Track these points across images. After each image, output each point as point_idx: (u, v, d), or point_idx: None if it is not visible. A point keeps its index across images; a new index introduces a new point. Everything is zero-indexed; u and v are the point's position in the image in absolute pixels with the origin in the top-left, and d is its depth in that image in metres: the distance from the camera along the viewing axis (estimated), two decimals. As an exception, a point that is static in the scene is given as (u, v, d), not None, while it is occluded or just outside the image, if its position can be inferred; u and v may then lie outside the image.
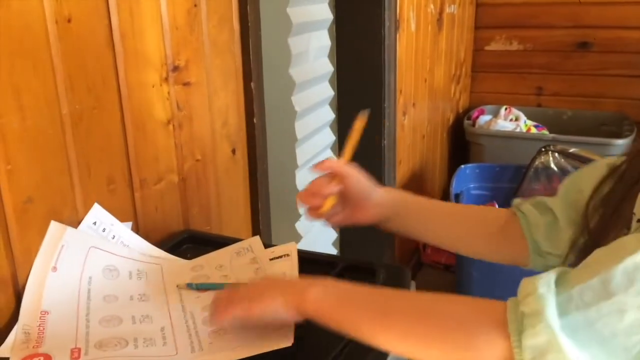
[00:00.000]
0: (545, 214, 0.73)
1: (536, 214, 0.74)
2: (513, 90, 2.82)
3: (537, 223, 0.74)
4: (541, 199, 0.75)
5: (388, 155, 1.77)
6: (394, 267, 0.81)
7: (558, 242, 0.72)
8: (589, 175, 0.68)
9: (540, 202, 0.75)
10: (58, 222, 0.71)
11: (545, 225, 0.73)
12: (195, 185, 0.98)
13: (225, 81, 1.03)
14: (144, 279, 0.77)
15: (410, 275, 0.77)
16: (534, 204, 0.75)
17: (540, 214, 0.74)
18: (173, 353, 0.63)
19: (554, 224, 0.72)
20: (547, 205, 0.74)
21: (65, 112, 0.72)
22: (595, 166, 0.69)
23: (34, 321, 0.65)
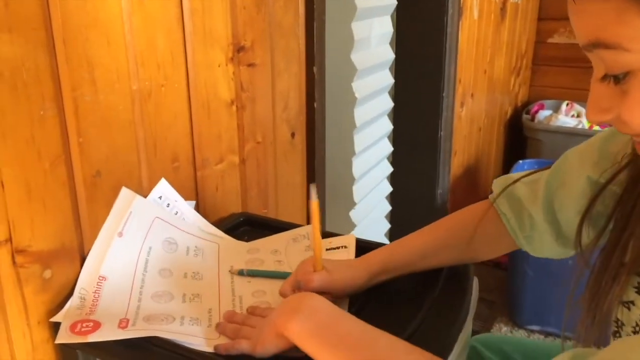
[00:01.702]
0: (522, 217, 0.70)
1: (513, 220, 0.71)
2: (576, 85, 2.70)
3: (515, 229, 0.71)
4: (518, 193, 0.70)
5: (444, 146, 1.73)
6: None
7: (543, 247, 0.71)
8: (569, 189, 0.66)
9: (517, 200, 0.71)
10: (128, 189, 0.72)
11: (524, 232, 0.71)
12: (254, 168, 0.98)
13: (288, 64, 1.02)
14: (200, 256, 0.77)
15: (472, 270, 0.74)
16: (511, 200, 0.71)
17: (517, 219, 0.71)
18: (215, 336, 0.63)
19: (534, 230, 0.70)
20: (524, 207, 0.70)
21: (135, 88, 0.72)
22: (575, 176, 0.66)
23: (91, 286, 0.67)
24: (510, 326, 1.85)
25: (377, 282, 0.72)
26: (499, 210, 0.72)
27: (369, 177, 1.42)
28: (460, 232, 0.74)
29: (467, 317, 0.67)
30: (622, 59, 0.43)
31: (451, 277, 0.73)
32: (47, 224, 0.64)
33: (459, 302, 0.68)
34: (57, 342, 0.60)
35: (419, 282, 0.73)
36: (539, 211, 0.68)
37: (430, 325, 0.64)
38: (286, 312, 0.58)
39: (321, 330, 0.55)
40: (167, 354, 0.59)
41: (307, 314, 0.57)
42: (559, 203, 0.67)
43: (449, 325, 0.64)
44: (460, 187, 2.02)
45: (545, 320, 1.78)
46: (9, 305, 0.61)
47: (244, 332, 0.63)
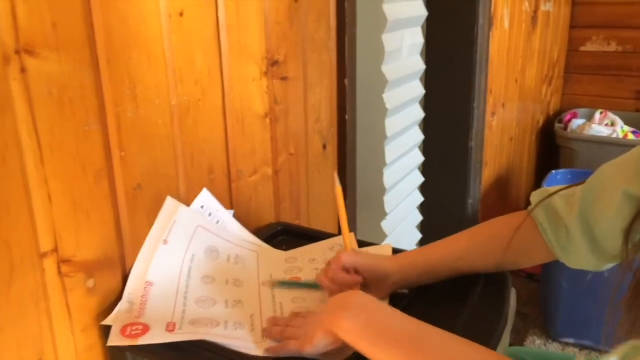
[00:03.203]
0: (558, 228, 0.70)
1: (550, 231, 0.71)
2: (609, 93, 2.66)
3: (551, 239, 0.71)
4: (555, 205, 0.71)
5: (475, 157, 1.72)
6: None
7: (579, 259, 0.71)
8: (604, 203, 0.65)
9: (554, 212, 0.71)
10: (173, 198, 0.74)
11: (560, 243, 0.71)
12: (287, 179, 1.00)
13: (320, 76, 1.04)
14: (241, 264, 0.79)
15: (511, 280, 0.74)
16: (548, 212, 0.71)
17: (553, 231, 0.71)
18: (260, 340, 0.65)
19: (570, 242, 0.70)
20: (561, 219, 0.70)
21: (174, 103, 0.75)
22: (611, 189, 0.65)
23: (139, 290, 0.69)
24: (544, 339, 1.82)
25: (409, 278, 0.73)
26: (536, 220, 0.72)
27: (400, 187, 1.42)
28: (496, 238, 0.74)
29: (505, 328, 0.67)
30: None
31: (489, 286, 0.73)
32: (90, 234, 0.66)
33: (497, 313, 0.69)
34: (108, 344, 0.62)
35: (455, 291, 0.73)
36: (575, 224, 0.69)
37: (468, 336, 0.64)
38: (335, 309, 0.59)
39: (372, 327, 0.56)
40: (214, 356, 0.60)
41: (357, 311, 0.57)
42: (595, 217, 0.67)
43: (487, 335, 0.65)
44: (491, 198, 2.00)
45: (580, 332, 1.75)
46: (55, 313, 0.63)
47: (289, 332, 0.64)
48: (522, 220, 0.73)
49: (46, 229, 0.61)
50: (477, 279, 0.74)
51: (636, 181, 0.62)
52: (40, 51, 0.58)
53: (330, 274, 0.71)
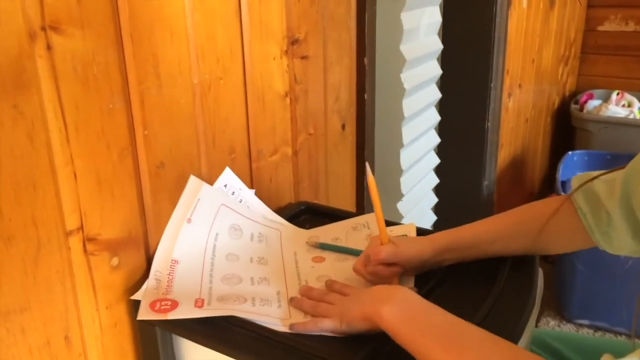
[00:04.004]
0: (599, 213, 0.69)
1: (590, 216, 0.70)
2: (627, 74, 2.62)
3: (591, 225, 0.70)
4: (597, 190, 0.69)
5: (491, 138, 1.71)
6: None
7: (620, 245, 0.69)
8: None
9: (595, 196, 0.69)
10: (197, 177, 0.74)
11: (601, 228, 0.70)
12: (306, 159, 0.99)
13: (340, 56, 1.03)
14: (264, 242, 0.79)
15: (538, 262, 0.74)
16: (588, 197, 0.70)
17: (594, 216, 0.70)
18: (287, 317, 0.65)
19: (611, 227, 0.69)
20: (602, 204, 0.69)
21: (196, 82, 0.74)
22: None
23: (165, 269, 0.69)
24: (558, 320, 1.82)
25: (442, 260, 0.73)
26: (576, 204, 0.71)
27: (417, 169, 1.41)
28: (532, 222, 0.74)
29: (532, 310, 0.67)
30: None
31: (516, 268, 0.73)
32: (115, 213, 0.66)
33: (525, 295, 0.68)
34: (138, 318, 0.63)
35: (483, 272, 0.73)
36: (617, 208, 0.68)
37: (497, 316, 0.64)
38: (378, 299, 0.59)
39: (413, 320, 0.57)
40: (243, 332, 0.61)
41: (399, 304, 0.58)
42: (637, 201, 0.66)
43: (515, 318, 0.64)
44: (506, 179, 1.99)
45: (594, 314, 1.75)
46: (80, 291, 0.64)
47: (322, 310, 0.64)
48: (561, 203, 0.72)
49: (72, 207, 0.61)
50: (505, 260, 0.73)
51: None
52: (66, 28, 0.57)
53: (370, 270, 0.72)
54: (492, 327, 0.60)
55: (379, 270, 0.71)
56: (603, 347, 0.90)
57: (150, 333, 0.63)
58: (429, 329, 0.56)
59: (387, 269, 0.71)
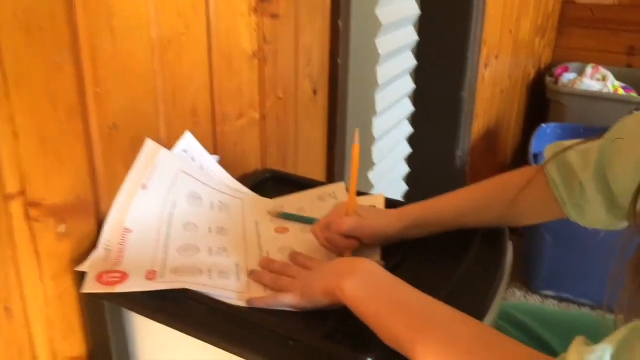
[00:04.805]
0: (572, 184, 0.67)
1: (562, 187, 0.68)
2: (602, 47, 2.62)
3: (563, 196, 0.68)
4: (570, 160, 0.67)
5: (466, 109, 1.68)
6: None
7: (592, 217, 0.68)
8: (623, 159, 0.62)
9: (568, 167, 0.67)
10: (153, 141, 0.69)
11: (573, 199, 0.68)
12: (275, 124, 0.95)
13: (312, 16, 0.97)
14: (225, 211, 0.75)
15: (508, 234, 0.72)
16: (561, 167, 0.68)
17: (566, 187, 0.68)
18: (245, 290, 0.62)
19: (583, 198, 0.67)
20: (575, 175, 0.67)
21: (155, 36, 0.69)
22: (633, 143, 0.62)
23: (116, 237, 0.65)
24: (524, 291, 1.83)
25: (411, 234, 0.71)
26: (549, 175, 0.69)
27: (389, 138, 1.38)
28: (503, 193, 0.71)
29: (501, 282, 0.65)
30: None
31: (486, 240, 0.71)
32: (61, 176, 0.61)
33: (494, 268, 0.67)
34: (83, 291, 0.59)
35: (454, 242, 0.71)
36: (590, 180, 0.65)
37: (465, 288, 0.63)
38: (340, 272, 0.57)
39: (376, 295, 0.54)
40: (198, 306, 0.57)
41: (362, 277, 0.55)
42: (613, 172, 0.64)
43: (484, 288, 0.63)
44: (479, 150, 1.97)
45: (560, 285, 1.76)
46: (22, 260, 0.59)
47: (283, 283, 0.61)
48: (534, 174, 0.69)
49: (12, 169, 0.56)
50: (475, 232, 0.71)
51: None
52: (2, -32, 0.51)
53: (328, 236, 0.69)
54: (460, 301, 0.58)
55: (336, 239, 0.68)
56: (568, 320, 0.90)
57: (97, 306, 0.59)
58: (393, 305, 0.53)
59: (345, 240, 0.68)
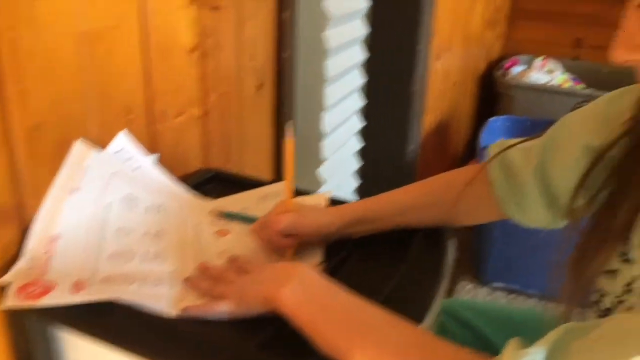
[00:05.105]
0: (514, 183, 0.67)
1: (504, 186, 0.68)
2: (550, 40, 2.67)
3: (504, 195, 0.68)
4: (512, 159, 0.67)
5: (417, 103, 1.68)
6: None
7: (533, 215, 0.68)
8: (563, 157, 0.62)
9: (510, 165, 0.67)
10: (83, 142, 0.66)
11: (514, 198, 0.68)
12: (217, 121, 0.91)
13: (256, 9, 0.94)
14: (163, 214, 0.72)
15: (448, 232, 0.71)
16: (504, 166, 0.68)
17: (508, 185, 0.68)
18: (181, 298, 0.60)
19: (525, 197, 0.67)
20: (517, 173, 0.67)
21: (83, 30, 0.64)
22: (571, 142, 0.62)
23: (43, 246, 0.61)
24: (475, 284, 1.86)
25: (353, 232, 0.70)
26: (491, 175, 0.68)
27: (339, 133, 1.36)
28: (445, 192, 0.71)
29: (442, 281, 0.64)
30: None
31: (428, 238, 0.70)
32: (-20, 182, 0.57)
33: (435, 264, 0.66)
34: (3, 308, 0.55)
35: (395, 242, 0.70)
36: (532, 178, 0.65)
37: (407, 287, 0.62)
38: (278, 279, 0.55)
39: (313, 303, 0.53)
40: (126, 317, 0.54)
41: (299, 285, 0.54)
42: (553, 171, 0.64)
43: (425, 288, 0.62)
44: (431, 144, 1.98)
45: (509, 277, 1.80)
46: (-62, 272, 0.55)
47: (219, 290, 0.58)
48: (476, 173, 0.69)
49: None
50: (417, 231, 0.71)
51: (597, 133, 0.59)
52: None
53: (266, 236, 0.67)
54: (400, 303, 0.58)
55: (274, 239, 0.66)
56: (512, 316, 0.91)
57: (19, 322, 0.56)
58: (330, 314, 0.52)
59: (283, 239, 0.66)
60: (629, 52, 0.43)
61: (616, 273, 0.53)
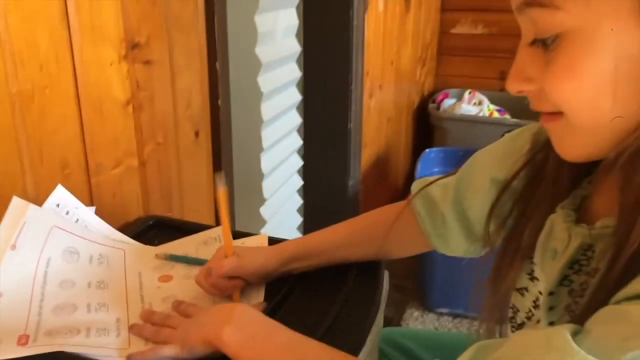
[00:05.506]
0: (435, 216, 0.73)
1: (427, 219, 0.73)
2: (477, 74, 2.82)
3: (428, 228, 0.73)
4: (433, 194, 0.73)
5: (354, 139, 1.74)
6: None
7: (455, 246, 0.73)
8: (475, 190, 0.68)
9: (431, 200, 0.73)
10: (20, 198, 0.67)
11: (437, 231, 0.73)
12: (156, 170, 0.94)
13: (189, 60, 0.98)
14: (105, 264, 0.73)
15: (383, 263, 0.76)
16: (425, 201, 0.73)
17: (430, 219, 0.73)
18: (126, 346, 0.61)
19: (446, 228, 0.72)
20: (437, 207, 0.72)
21: (15, 91, 0.66)
22: (480, 176, 0.68)
23: None
24: (421, 310, 1.91)
25: (292, 269, 0.73)
26: (415, 210, 0.73)
27: (279, 172, 1.40)
28: (376, 228, 0.75)
29: (378, 310, 0.68)
30: (553, 18, 0.43)
31: (362, 270, 0.74)
32: None
33: (370, 296, 0.70)
34: None
35: (331, 277, 0.74)
36: (450, 210, 0.70)
37: (344, 320, 0.65)
38: (218, 320, 0.58)
39: (253, 341, 0.56)
40: None
41: (239, 325, 0.57)
42: (467, 203, 0.69)
43: (361, 319, 0.66)
44: (371, 178, 2.05)
45: (453, 303, 1.86)
46: None
47: (164, 335, 0.60)
48: (402, 209, 0.74)
49: None
50: (351, 265, 0.74)
51: (501, 167, 0.65)
52: None
53: (211, 282, 0.69)
54: (338, 335, 0.62)
55: (220, 283, 0.69)
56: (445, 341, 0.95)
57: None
58: (269, 351, 0.55)
59: (229, 282, 0.69)
60: (520, 83, 0.48)
61: (525, 290, 0.59)
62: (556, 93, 0.45)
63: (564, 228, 0.53)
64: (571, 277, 0.53)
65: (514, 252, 0.58)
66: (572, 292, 0.52)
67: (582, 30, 0.42)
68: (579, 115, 0.45)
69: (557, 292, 0.53)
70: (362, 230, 0.76)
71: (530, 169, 0.59)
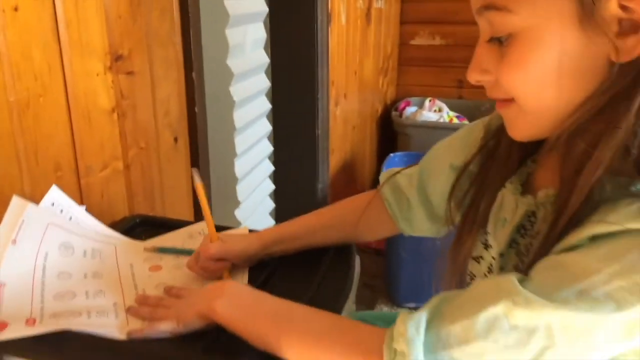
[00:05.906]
0: (401, 201, 0.82)
1: (395, 205, 0.82)
2: (436, 82, 2.96)
3: (395, 212, 0.82)
4: (399, 182, 0.81)
5: (322, 145, 1.83)
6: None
7: (419, 227, 0.82)
8: (436, 176, 0.77)
9: (398, 188, 0.81)
10: (19, 198, 0.73)
11: (403, 214, 0.82)
12: (139, 172, 1.01)
13: (167, 71, 1.06)
14: (99, 257, 0.80)
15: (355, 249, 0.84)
16: (393, 189, 0.82)
17: (397, 204, 0.82)
18: (124, 325, 0.67)
19: (411, 212, 0.81)
20: (403, 193, 0.81)
21: (13, 100, 0.73)
22: (441, 164, 0.77)
23: None
24: (390, 306, 2.00)
25: (272, 252, 0.81)
26: (383, 197, 0.82)
27: (252, 177, 1.48)
28: (348, 215, 0.84)
29: (351, 289, 0.76)
30: (508, 20, 0.51)
31: (337, 255, 0.83)
32: None
33: (344, 276, 0.78)
34: None
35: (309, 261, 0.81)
36: (415, 195, 0.80)
37: (321, 296, 0.73)
38: (211, 296, 0.64)
39: (244, 309, 0.62)
40: (80, 345, 0.61)
41: (230, 297, 0.63)
42: (430, 187, 0.78)
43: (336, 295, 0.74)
44: (339, 181, 2.14)
45: (419, 297, 1.95)
46: None
47: (160, 314, 0.66)
48: (372, 197, 0.83)
49: None
50: (328, 250, 0.83)
51: (458, 154, 0.74)
52: None
53: (201, 265, 0.76)
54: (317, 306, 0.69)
55: (208, 265, 0.76)
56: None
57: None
58: (259, 314, 0.62)
59: (217, 264, 0.76)
60: (479, 74, 0.56)
61: (481, 258, 0.68)
62: (508, 82, 0.53)
63: (513, 199, 0.63)
64: (518, 240, 0.62)
65: (472, 224, 0.67)
66: (519, 253, 0.61)
67: (531, 31, 0.51)
68: (528, 101, 0.54)
69: (506, 254, 0.62)
70: (336, 217, 0.85)
71: (484, 153, 0.69)
